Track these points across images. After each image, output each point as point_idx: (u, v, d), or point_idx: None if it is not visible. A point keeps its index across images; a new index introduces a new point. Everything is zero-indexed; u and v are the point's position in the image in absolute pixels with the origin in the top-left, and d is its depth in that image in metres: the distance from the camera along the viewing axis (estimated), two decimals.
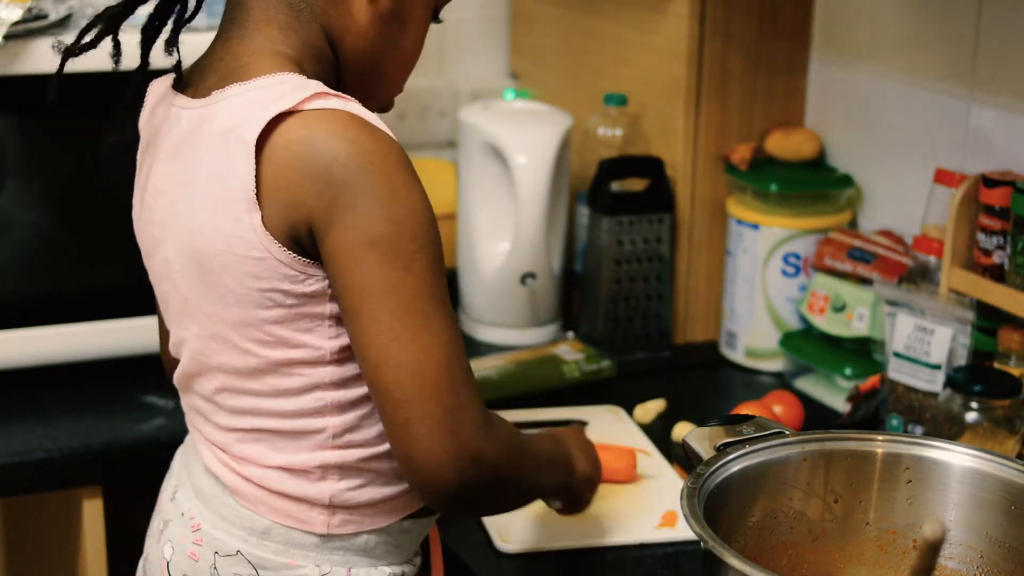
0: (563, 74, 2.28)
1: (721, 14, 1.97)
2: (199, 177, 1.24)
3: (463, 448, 1.19)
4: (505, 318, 2.09)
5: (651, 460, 1.73)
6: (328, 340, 1.24)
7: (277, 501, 1.29)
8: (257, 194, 1.19)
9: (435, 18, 1.37)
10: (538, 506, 1.58)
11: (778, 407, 1.79)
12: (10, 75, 1.71)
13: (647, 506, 1.62)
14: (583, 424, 1.70)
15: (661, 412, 1.86)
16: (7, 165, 1.76)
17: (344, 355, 1.25)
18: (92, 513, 1.74)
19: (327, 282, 1.22)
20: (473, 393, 1.21)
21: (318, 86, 1.22)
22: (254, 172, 1.19)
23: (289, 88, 1.21)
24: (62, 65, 1.34)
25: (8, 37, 1.69)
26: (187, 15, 1.36)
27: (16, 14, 1.70)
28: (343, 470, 1.29)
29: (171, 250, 1.29)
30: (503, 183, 2.04)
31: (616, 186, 2.03)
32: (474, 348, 2.06)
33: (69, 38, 1.53)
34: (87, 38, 1.33)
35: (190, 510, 1.34)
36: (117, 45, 1.33)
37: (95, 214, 1.82)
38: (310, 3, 1.27)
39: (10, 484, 1.69)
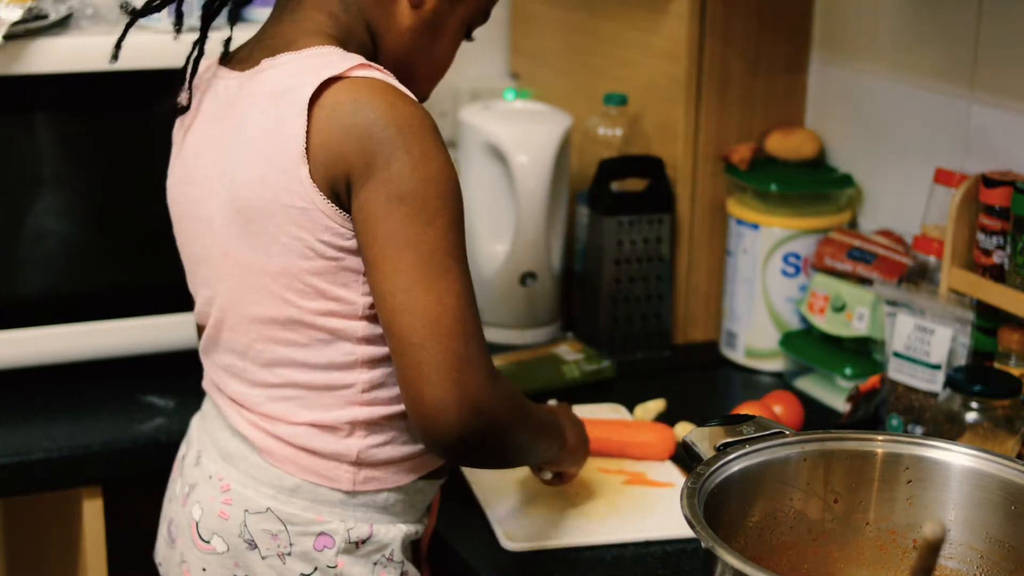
0: (563, 74, 2.28)
1: (721, 14, 1.97)
2: (245, 135, 1.33)
3: (468, 396, 1.26)
4: (505, 318, 2.09)
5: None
6: (362, 296, 1.32)
7: (306, 459, 1.37)
8: (305, 149, 1.28)
9: (467, 36, 1.48)
10: (541, 502, 1.61)
11: (778, 407, 1.79)
12: (10, 75, 1.71)
13: (647, 504, 1.62)
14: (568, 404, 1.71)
15: (661, 412, 1.86)
16: (5, 165, 1.76)
17: (375, 312, 1.32)
18: (92, 513, 1.74)
19: None
20: (482, 347, 1.29)
21: (362, 58, 1.33)
22: (305, 129, 1.28)
23: (337, 58, 1.31)
24: (127, 28, 1.44)
25: (8, 37, 1.69)
26: None
27: (16, 14, 1.70)
28: (369, 426, 1.37)
29: (213, 206, 1.37)
30: (503, 183, 2.04)
31: (616, 186, 2.03)
32: None
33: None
34: (155, 2, 1.44)
35: (217, 472, 1.41)
36: (180, 17, 1.44)
37: (95, 214, 1.82)
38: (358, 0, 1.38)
39: (10, 484, 1.69)
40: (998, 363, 1.66)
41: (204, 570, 1.41)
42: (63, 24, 1.77)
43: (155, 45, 1.70)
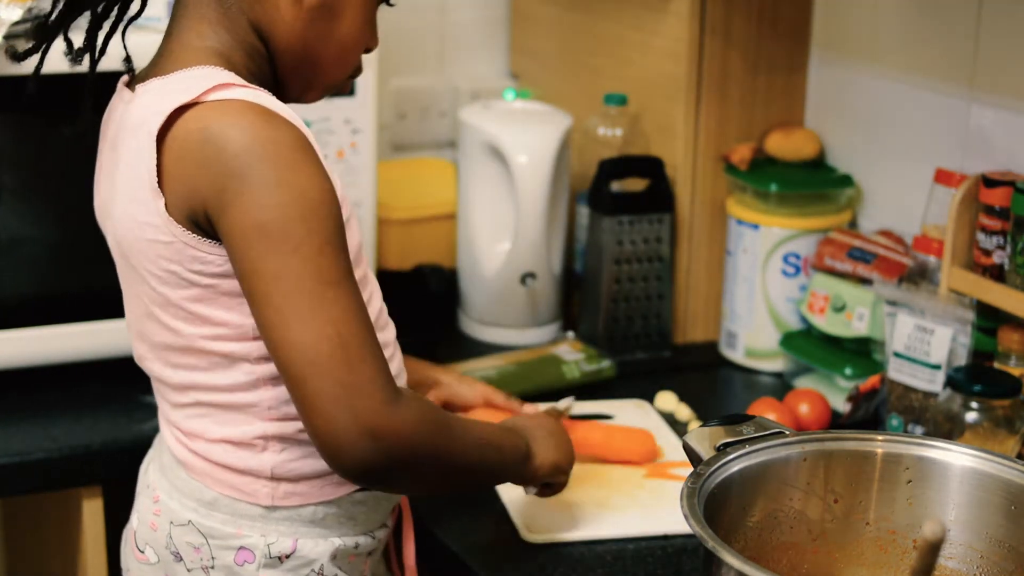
0: (563, 74, 2.28)
1: (721, 14, 1.97)
2: (120, 168, 1.30)
3: (362, 424, 1.20)
4: (505, 318, 2.09)
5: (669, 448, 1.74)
6: (248, 317, 1.27)
7: (222, 474, 1.34)
8: (160, 182, 1.24)
9: (387, 0, 1.38)
10: (563, 495, 1.60)
11: (804, 406, 1.79)
12: (10, 75, 1.71)
13: (669, 497, 1.62)
14: (559, 412, 1.71)
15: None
16: (6, 165, 1.76)
17: None
18: (92, 513, 1.74)
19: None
20: (374, 370, 1.22)
21: (224, 77, 1.26)
22: (155, 163, 1.24)
23: (195, 82, 1.25)
24: (40, 68, 1.43)
25: (8, 37, 1.69)
26: (132, 14, 1.42)
27: (16, 14, 1.70)
28: (283, 441, 1.33)
29: (110, 238, 1.36)
30: (503, 183, 2.04)
31: (616, 186, 2.03)
32: (474, 348, 2.06)
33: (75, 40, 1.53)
34: (30, 44, 1.41)
35: (154, 483, 1.41)
36: (70, 45, 1.40)
37: (94, 214, 1.82)
38: None
39: (10, 484, 1.69)
40: (998, 363, 1.66)
41: None
42: None
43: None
